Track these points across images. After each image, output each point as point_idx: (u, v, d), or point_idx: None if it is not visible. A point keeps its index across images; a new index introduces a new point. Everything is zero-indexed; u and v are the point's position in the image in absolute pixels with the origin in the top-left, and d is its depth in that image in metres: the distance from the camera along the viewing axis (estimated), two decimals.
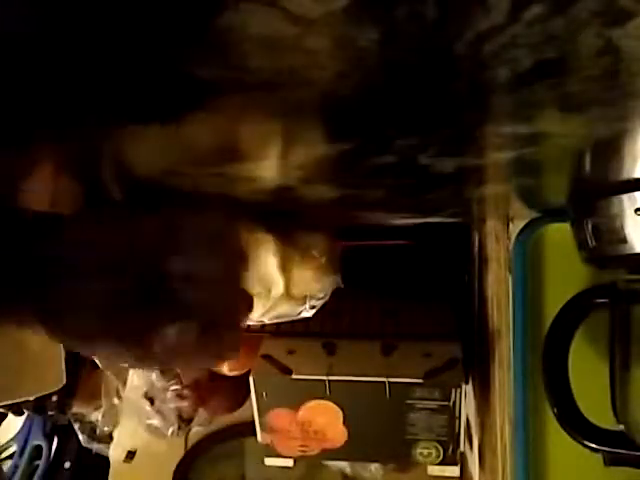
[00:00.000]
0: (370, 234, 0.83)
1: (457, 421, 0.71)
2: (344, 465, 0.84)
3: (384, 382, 0.69)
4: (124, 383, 0.86)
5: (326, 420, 0.72)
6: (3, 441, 0.97)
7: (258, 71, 0.20)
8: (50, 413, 0.86)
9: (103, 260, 0.28)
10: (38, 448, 0.93)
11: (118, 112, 0.20)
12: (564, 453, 0.57)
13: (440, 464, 0.73)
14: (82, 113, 0.21)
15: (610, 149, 0.33)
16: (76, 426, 0.90)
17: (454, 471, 0.76)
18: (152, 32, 0.17)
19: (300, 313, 0.71)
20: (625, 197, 0.40)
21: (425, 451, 0.72)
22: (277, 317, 0.70)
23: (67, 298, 0.28)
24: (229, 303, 0.28)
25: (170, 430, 0.84)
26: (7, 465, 0.95)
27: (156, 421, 0.84)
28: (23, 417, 0.94)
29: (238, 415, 0.90)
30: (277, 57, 0.19)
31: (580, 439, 0.52)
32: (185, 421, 0.85)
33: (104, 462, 0.91)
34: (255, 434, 0.74)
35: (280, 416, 0.71)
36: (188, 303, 0.29)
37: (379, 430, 0.72)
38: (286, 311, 0.70)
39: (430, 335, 0.75)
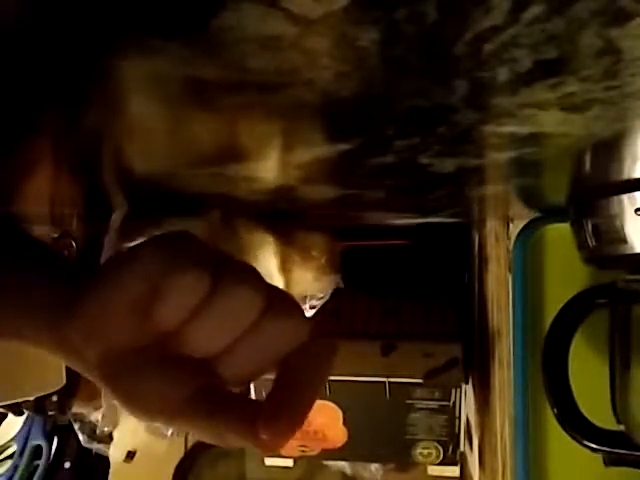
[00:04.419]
0: (370, 234, 0.83)
1: (457, 421, 0.71)
2: (344, 465, 0.84)
3: (384, 382, 0.69)
4: None
5: (326, 420, 0.72)
6: (3, 441, 0.97)
7: (258, 71, 0.20)
8: (50, 413, 0.86)
9: None
10: (38, 448, 0.93)
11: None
12: (564, 453, 0.57)
13: (440, 464, 0.73)
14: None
15: (610, 149, 0.33)
16: (76, 426, 0.90)
17: (454, 471, 0.76)
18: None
19: None
20: (625, 197, 0.40)
21: (425, 451, 0.72)
22: None
23: None
24: None
25: (170, 430, 0.84)
26: (7, 465, 0.95)
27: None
28: (23, 417, 0.94)
29: None
30: (277, 57, 0.19)
31: (580, 439, 0.52)
32: None
33: (104, 462, 0.91)
34: None
35: None
36: None
37: (379, 430, 0.72)
38: None
39: (430, 335, 0.75)
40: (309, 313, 0.72)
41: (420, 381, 0.69)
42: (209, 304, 0.26)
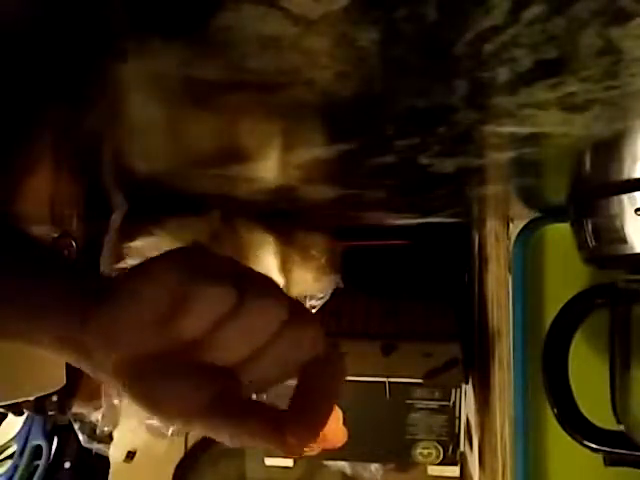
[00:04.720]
0: (370, 234, 0.83)
1: (457, 421, 0.71)
2: (344, 465, 0.84)
3: (384, 382, 0.69)
4: None
5: None
6: (3, 441, 0.97)
7: (258, 71, 0.20)
8: (50, 413, 0.86)
9: None
10: (38, 448, 0.93)
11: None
12: (564, 453, 0.57)
13: (440, 464, 0.73)
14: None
15: (610, 149, 0.33)
16: (76, 426, 0.89)
17: (454, 471, 0.76)
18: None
19: None
20: (625, 197, 0.40)
21: (425, 451, 0.72)
22: None
23: None
24: None
25: (170, 430, 0.84)
26: (7, 465, 0.95)
27: (156, 421, 0.84)
28: (23, 417, 0.94)
29: None
30: (277, 57, 0.19)
31: (580, 439, 0.52)
32: None
33: (104, 462, 0.91)
34: None
35: None
36: None
37: (379, 430, 0.72)
38: None
39: (430, 335, 0.75)
40: None
41: (420, 381, 0.69)
42: (235, 316, 0.26)
